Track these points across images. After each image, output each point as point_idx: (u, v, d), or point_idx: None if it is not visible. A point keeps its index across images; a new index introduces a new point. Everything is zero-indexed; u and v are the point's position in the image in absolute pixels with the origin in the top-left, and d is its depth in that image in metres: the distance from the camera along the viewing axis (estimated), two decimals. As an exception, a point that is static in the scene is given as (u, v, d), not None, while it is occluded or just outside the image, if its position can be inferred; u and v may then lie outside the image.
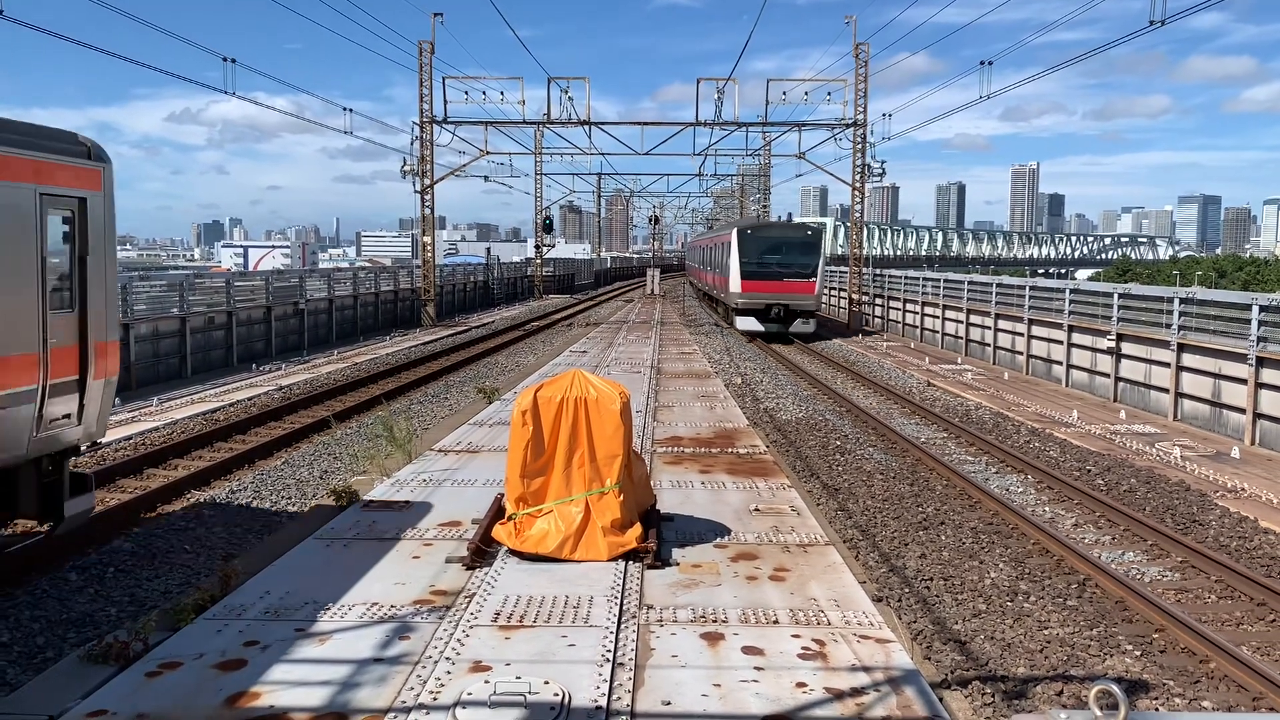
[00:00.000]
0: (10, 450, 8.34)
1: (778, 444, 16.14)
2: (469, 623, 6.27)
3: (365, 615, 6.41)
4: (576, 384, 7.84)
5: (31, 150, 8.57)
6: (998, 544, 11.00)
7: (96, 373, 9.31)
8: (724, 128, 40.68)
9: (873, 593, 7.38)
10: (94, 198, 9.29)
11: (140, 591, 8.95)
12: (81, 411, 9.19)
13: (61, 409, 8.90)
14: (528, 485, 7.72)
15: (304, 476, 13.52)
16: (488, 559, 7.57)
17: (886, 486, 13.53)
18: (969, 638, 8.39)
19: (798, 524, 8.75)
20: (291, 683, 5.38)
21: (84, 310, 9.18)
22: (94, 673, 5.61)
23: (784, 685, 5.39)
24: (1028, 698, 7.27)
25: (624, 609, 6.54)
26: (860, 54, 39.15)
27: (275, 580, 7.11)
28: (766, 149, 63.74)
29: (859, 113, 39.46)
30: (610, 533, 7.57)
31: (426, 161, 40.72)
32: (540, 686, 5.28)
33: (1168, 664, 7.94)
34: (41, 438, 8.70)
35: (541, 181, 64.37)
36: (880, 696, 5.26)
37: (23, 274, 8.41)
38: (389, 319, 40.83)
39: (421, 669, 5.55)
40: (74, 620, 8.18)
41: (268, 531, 10.84)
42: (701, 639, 6.04)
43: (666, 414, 14.96)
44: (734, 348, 30.93)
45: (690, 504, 9.39)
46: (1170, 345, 20.52)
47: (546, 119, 39.79)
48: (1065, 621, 8.76)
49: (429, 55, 39.90)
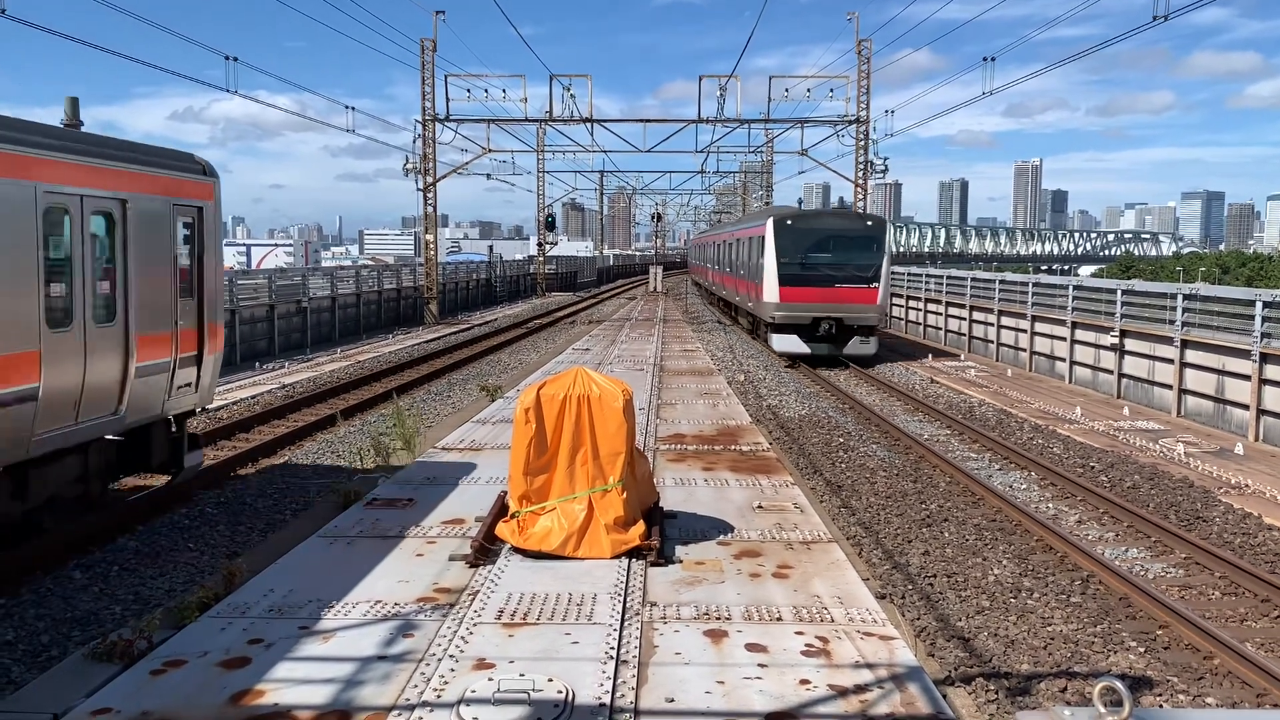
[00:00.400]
0: (150, 410, 10.53)
1: (781, 441, 16.13)
2: (472, 620, 6.27)
3: (369, 613, 6.42)
4: (579, 381, 7.84)
5: (165, 170, 10.74)
6: (1001, 541, 10.99)
7: (210, 349, 11.52)
8: (726, 125, 40.61)
9: (876, 590, 7.39)
10: (208, 206, 11.48)
11: (144, 589, 8.96)
12: (198, 381, 11.42)
13: (185, 378, 11.08)
14: (531, 483, 7.72)
15: (307, 474, 13.53)
16: (491, 557, 7.58)
17: (890, 483, 13.52)
18: (972, 634, 8.39)
19: (801, 521, 8.75)
20: (295, 681, 5.39)
21: (201, 298, 11.31)
22: (98, 671, 5.63)
23: (788, 682, 5.39)
24: (1031, 695, 7.27)
25: (627, 606, 6.54)
26: (863, 50, 39.08)
27: (279, 578, 7.12)
28: (769, 146, 63.59)
29: (861, 109, 39.41)
30: (613, 530, 7.57)
31: (429, 159, 40.72)
32: (544, 684, 5.29)
33: (1172, 660, 7.93)
34: (171, 402, 10.88)
35: (544, 179, 64.37)
36: (884, 694, 5.26)
37: (164, 269, 10.59)
38: (392, 317, 40.86)
39: (425, 667, 5.56)
40: (78, 618, 8.20)
41: (271, 530, 10.85)
42: (705, 636, 6.05)
43: (669, 411, 14.95)
44: (737, 345, 30.89)
45: (693, 501, 9.39)
46: (1174, 341, 20.48)
47: (549, 116, 39.78)
48: (1069, 618, 8.75)
49: (431, 53, 39.88)
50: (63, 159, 9.12)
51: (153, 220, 10.41)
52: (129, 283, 9.98)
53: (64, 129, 10.15)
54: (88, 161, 9.50)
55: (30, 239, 8.59)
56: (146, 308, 10.23)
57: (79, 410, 9.30)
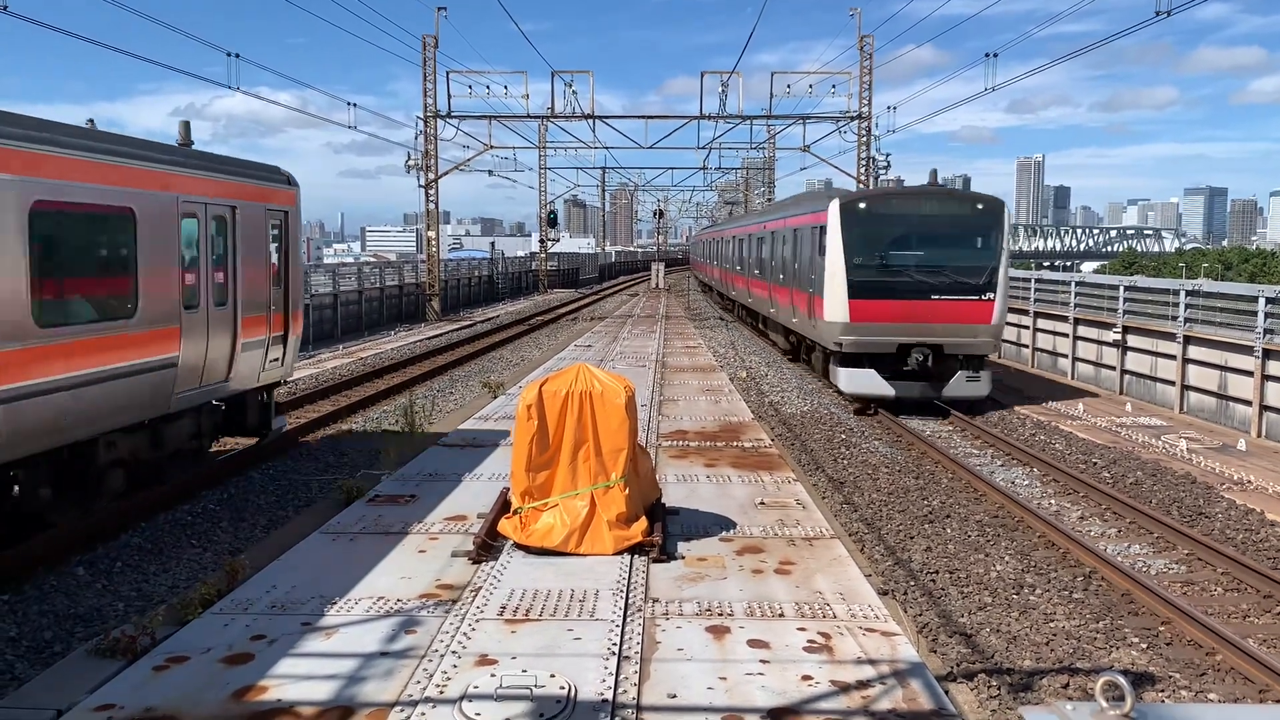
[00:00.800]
0: (249, 380, 12.81)
1: (783, 437, 16.13)
2: (475, 616, 6.28)
3: (371, 609, 6.42)
4: (581, 378, 7.84)
5: (261, 181, 13.16)
6: (1003, 537, 10.99)
7: (293, 331, 13.89)
8: (728, 121, 40.55)
9: (878, 586, 7.39)
10: (292, 211, 13.92)
11: (147, 586, 8.98)
12: (284, 357, 13.76)
13: (274, 354, 13.37)
14: (533, 479, 7.73)
15: (309, 472, 13.54)
16: (493, 553, 7.59)
17: (892, 480, 13.52)
18: (975, 630, 8.39)
19: (803, 517, 8.75)
20: (298, 676, 5.40)
21: (287, 287, 13.72)
22: (101, 667, 5.64)
23: (790, 678, 5.39)
24: (1034, 690, 7.27)
25: (629, 602, 6.55)
26: (865, 47, 39.05)
27: (281, 575, 7.13)
28: (771, 142, 63.61)
29: (864, 105, 39.37)
30: (616, 526, 7.58)
31: (431, 156, 40.71)
32: (546, 680, 5.30)
33: (1174, 656, 7.93)
34: (264, 374, 13.21)
35: (545, 176, 64.36)
36: (886, 689, 5.26)
37: (262, 263, 12.94)
38: (394, 314, 40.87)
39: (428, 663, 5.56)
40: (81, 615, 8.21)
41: (274, 526, 10.86)
42: (707, 632, 6.05)
43: (671, 408, 14.95)
44: (739, 342, 30.87)
45: (695, 498, 9.39)
46: (1176, 338, 20.46)
47: (550, 113, 39.75)
48: (1071, 614, 8.75)
49: (432, 49, 39.86)
50: (192, 174, 11.40)
51: (254, 223, 12.76)
52: (237, 274, 12.26)
53: (189, 149, 12.11)
54: (209, 176, 11.77)
55: (173, 239, 10.82)
56: (249, 295, 12.56)
57: (202, 377, 11.61)
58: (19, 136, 8.58)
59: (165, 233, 10.66)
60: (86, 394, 9.39)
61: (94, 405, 9.56)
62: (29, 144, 8.66)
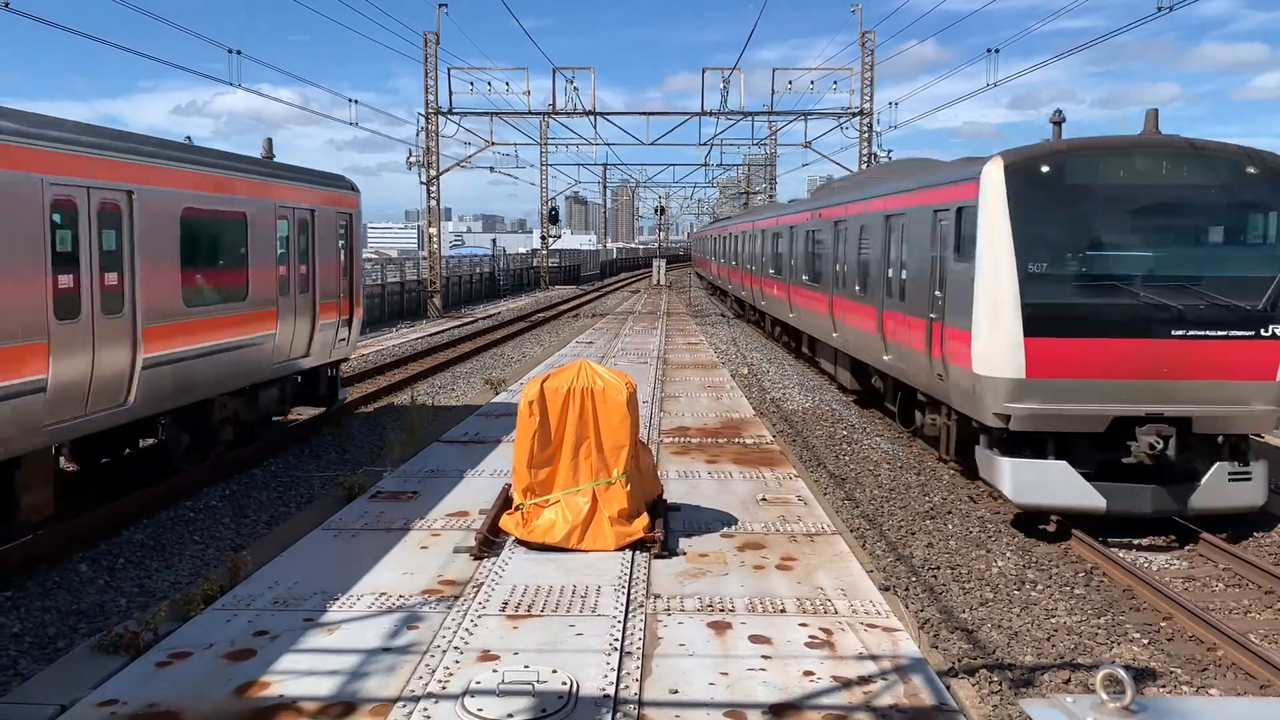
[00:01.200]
0: (323, 356, 15.54)
1: (784, 434, 16.13)
2: (477, 612, 6.29)
3: (374, 605, 6.44)
4: (583, 374, 7.85)
5: (332, 187, 16.05)
6: (1005, 532, 10.99)
7: (356, 315, 16.89)
8: (730, 117, 40.50)
9: (880, 581, 7.39)
10: (355, 213, 16.93)
11: (150, 582, 9.00)
12: (349, 338, 16.69)
13: (342, 335, 16.22)
14: (535, 475, 7.74)
15: (310, 469, 13.56)
16: (495, 549, 7.60)
17: (893, 476, 13.52)
18: (976, 626, 8.40)
19: (805, 513, 8.76)
20: (301, 672, 5.41)
21: (351, 279, 16.61)
22: (105, 663, 5.65)
23: (791, 674, 5.40)
24: (1035, 686, 7.27)
25: (631, 598, 6.56)
26: (866, 42, 39.00)
27: (284, 571, 7.14)
28: (772, 138, 63.57)
29: (865, 101, 39.32)
30: (617, 522, 7.59)
31: (432, 153, 40.69)
32: (548, 675, 5.31)
33: (1175, 652, 7.94)
34: (334, 350, 16.05)
35: (547, 172, 64.32)
36: (888, 685, 5.27)
37: (333, 257, 15.78)
38: (395, 310, 40.86)
39: (430, 658, 5.57)
40: (84, 611, 8.23)
41: (276, 522, 10.87)
42: (709, 628, 6.06)
43: (673, 404, 14.96)
44: (740, 338, 30.88)
45: (697, 494, 9.40)
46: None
47: (552, 109, 39.71)
48: (1072, 610, 8.76)
49: (434, 46, 39.83)
50: (283, 184, 14.07)
51: (327, 224, 15.53)
52: (315, 266, 14.92)
53: (275, 162, 14.70)
54: (295, 184, 14.52)
55: (272, 238, 13.53)
56: (324, 284, 15.28)
57: (289, 351, 14.23)
58: (175, 159, 11.32)
59: (267, 233, 13.40)
60: (213, 360, 11.95)
61: (218, 370, 12.12)
62: (181, 164, 11.41)
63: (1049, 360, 10.60)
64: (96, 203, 9.78)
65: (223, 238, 12.48)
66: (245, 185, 12.86)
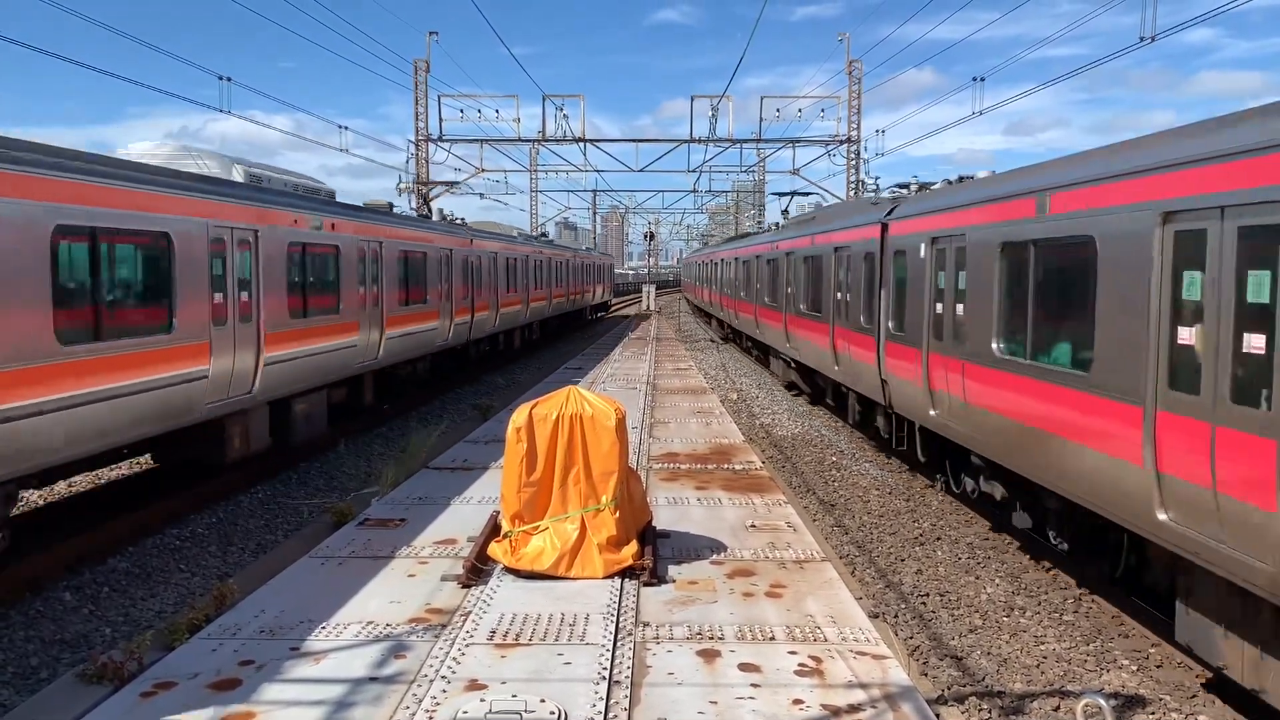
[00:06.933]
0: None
1: (774, 460, 16.12)
2: (465, 641, 6.26)
3: (360, 634, 6.40)
4: (572, 400, 7.85)
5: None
6: (994, 559, 10.99)
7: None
8: (718, 144, 40.73)
9: (869, 609, 7.38)
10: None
11: (135, 611, 8.92)
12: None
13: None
14: (523, 502, 7.72)
15: (298, 496, 13.49)
16: (483, 577, 7.57)
17: (883, 502, 13.53)
18: (965, 653, 8.38)
19: (794, 540, 8.75)
20: (286, 702, 5.37)
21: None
22: (88, 693, 5.60)
23: (781, 702, 5.39)
24: (1024, 713, 7.26)
25: (620, 627, 6.53)
26: (853, 71, 39.35)
27: (270, 599, 7.09)
28: (761, 165, 63.88)
29: (852, 129, 39.61)
30: (606, 550, 7.57)
31: (423, 180, 40.79)
32: (536, 705, 5.28)
33: (1164, 679, 7.93)
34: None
35: (537, 198, 64.52)
36: (877, 713, 5.26)
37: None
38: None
39: (417, 688, 5.54)
40: (68, 640, 8.15)
41: (263, 550, 10.81)
42: (698, 656, 6.04)
43: (663, 430, 14.96)
44: (729, 364, 30.91)
45: (687, 520, 9.39)
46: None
47: (542, 136, 39.87)
48: (1061, 636, 8.75)
49: (424, 73, 40.00)
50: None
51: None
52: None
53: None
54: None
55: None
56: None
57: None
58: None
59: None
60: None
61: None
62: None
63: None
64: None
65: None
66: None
